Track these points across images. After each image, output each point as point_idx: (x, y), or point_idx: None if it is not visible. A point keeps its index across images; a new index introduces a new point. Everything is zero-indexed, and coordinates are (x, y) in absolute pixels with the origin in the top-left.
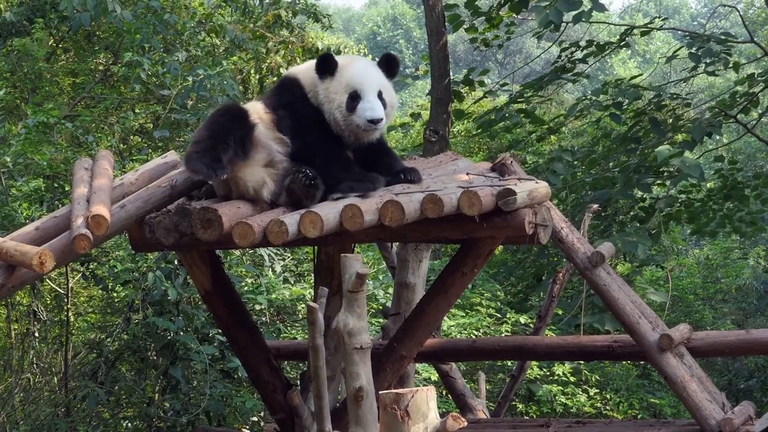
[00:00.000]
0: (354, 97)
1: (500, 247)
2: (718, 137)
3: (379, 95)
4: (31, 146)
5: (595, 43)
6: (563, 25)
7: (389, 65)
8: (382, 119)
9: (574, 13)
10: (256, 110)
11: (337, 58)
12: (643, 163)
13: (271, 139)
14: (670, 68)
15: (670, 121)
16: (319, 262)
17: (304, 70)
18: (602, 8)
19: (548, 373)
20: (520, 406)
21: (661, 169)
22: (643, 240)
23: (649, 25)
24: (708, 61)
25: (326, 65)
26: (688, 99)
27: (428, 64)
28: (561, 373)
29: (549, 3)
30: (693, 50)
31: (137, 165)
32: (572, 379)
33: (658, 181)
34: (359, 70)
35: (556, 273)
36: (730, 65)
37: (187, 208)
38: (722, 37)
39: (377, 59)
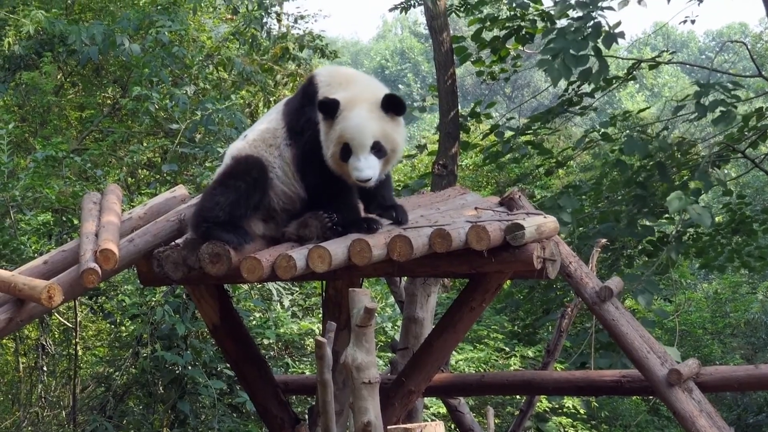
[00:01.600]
0: (346, 150)
1: (508, 281)
2: (726, 171)
3: (376, 145)
4: (40, 180)
5: (602, 77)
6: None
7: (390, 106)
8: (370, 179)
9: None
10: (278, 143)
11: (341, 95)
12: (650, 200)
13: (286, 186)
14: (676, 104)
15: (678, 155)
16: (327, 297)
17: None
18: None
19: (557, 406)
20: None
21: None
22: (652, 287)
23: (657, 59)
24: (716, 113)
25: (327, 109)
26: (695, 141)
27: (435, 96)
28: (570, 406)
29: (556, 54)
30: (700, 101)
31: (145, 199)
32: (582, 411)
33: (666, 216)
34: (354, 122)
35: (564, 308)
36: (737, 123)
37: (196, 242)
38: (729, 85)
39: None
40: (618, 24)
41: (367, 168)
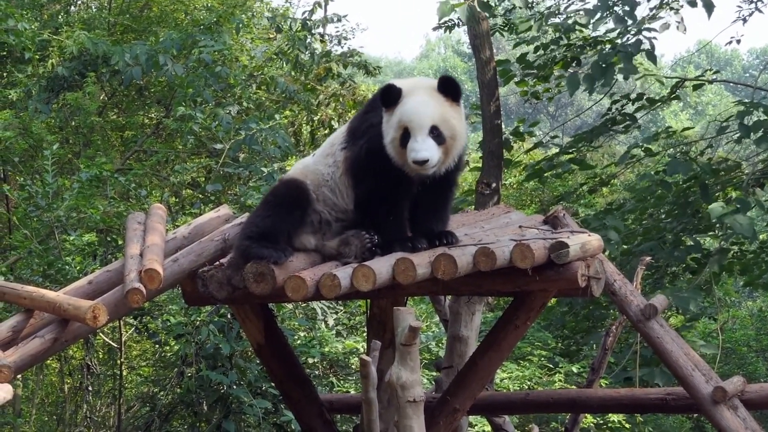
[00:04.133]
0: (405, 135)
1: (553, 299)
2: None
3: (434, 130)
4: (84, 200)
5: (645, 96)
6: (614, 79)
7: (447, 89)
8: (427, 160)
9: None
10: (334, 150)
11: (403, 83)
12: (694, 217)
13: (336, 195)
14: (719, 123)
15: (722, 172)
16: (372, 316)
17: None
18: (653, 57)
19: (602, 422)
20: None
21: (713, 221)
22: (695, 296)
23: (700, 78)
24: (758, 134)
25: (388, 97)
26: (738, 161)
27: (479, 114)
28: (615, 421)
29: (590, 74)
30: (744, 120)
31: (189, 219)
32: (627, 425)
33: (710, 233)
34: (412, 105)
35: (609, 326)
36: None
37: (240, 261)
38: None
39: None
40: (653, 47)
41: (424, 149)
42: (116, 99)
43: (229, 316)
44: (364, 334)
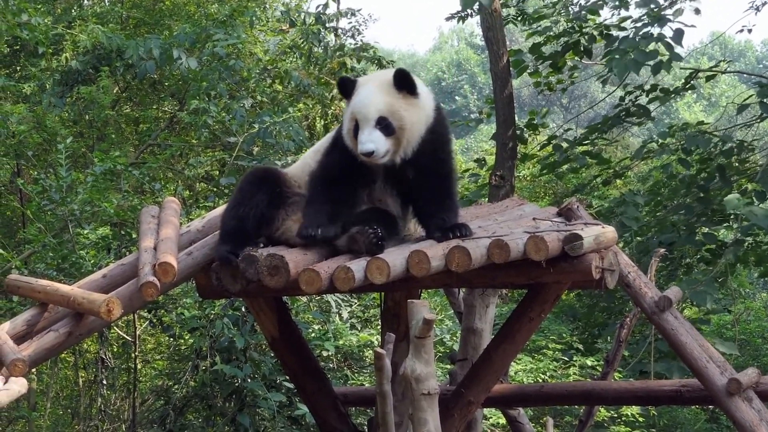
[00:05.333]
0: (356, 126)
1: (567, 292)
2: None
3: (382, 121)
4: (98, 194)
5: (659, 87)
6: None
7: (401, 82)
8: (372, 152)
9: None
10: (317, 154)
11: (363, 77)
12: (708, 206)
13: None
14: (735, 111)
15: (736, 164)
16: (386, 308)
17: None
18: (679, 57)
19: (616, 415)
20: None
21: (728, 213)
22: (712, 291)
23: (714, 69)
24: None
25: (344, 89)
26: (754, 145)
27: (492, 107)
28: (629, 414)
29: (625, 53)
30: (765, 100)
31: (203, 212)
32: (641, 419)
33: (725, 224)
34: (360, 98)
35: (624, 318)
36: None
37: (254, 255)
38: None
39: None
40: (681, 33)
41: (369, 141)
42: (130, 92)
43: (243, 309)
44: (379, 326)
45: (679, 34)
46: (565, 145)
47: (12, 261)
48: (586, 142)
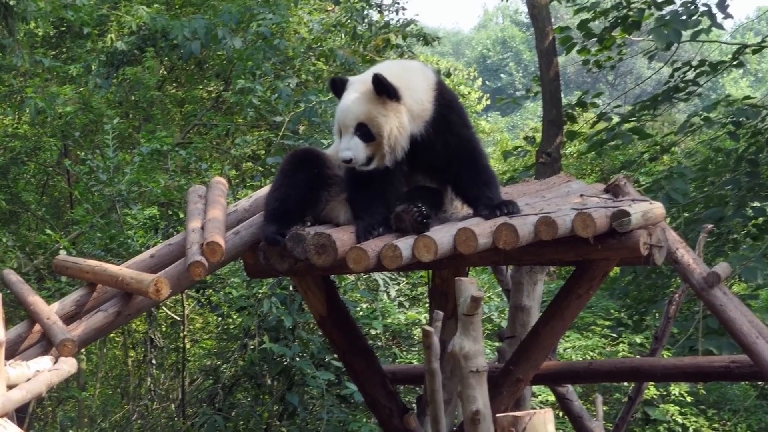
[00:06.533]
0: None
1: (615, 268)
2: None
3: (361, 127)
4: (145, 174)
5: (707, 62)
6: (674, 45)
7: (378, 88)
8: (350, 159)
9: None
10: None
11: (353, 78)
12: (757, 181)
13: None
14: None
15: None
16: (434, 286)
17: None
18: (721, 26)
19: (665, 393)
20: (637, 430)
21: None
22: (762, 264)
23: (761, 44)
24: None
25: (334, 89)
26: None
27: (538, 85)
28: (677, 393)
29: (665, 23)
30: None
31: (250, 191)
32: (689, 399)
33: None
34: (342, 104)
35: (672, 294)
36: None
37: (301, 234)
38: None
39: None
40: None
41: (346, 149)
42: (175, 73)
43: (291, 288)
44: (427, 304)
45: (722, 2)
46: (616, 119)
47: (60, 242)
48: (633, 119)
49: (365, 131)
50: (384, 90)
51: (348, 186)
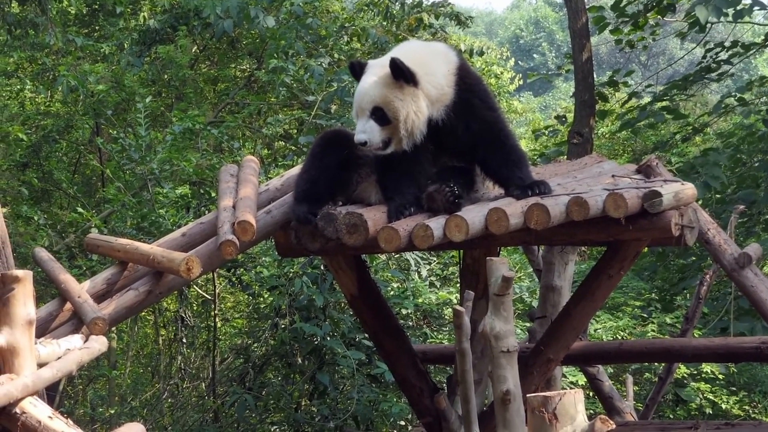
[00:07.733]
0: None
1: (646, 249)
2: None
3: (377, 111)
4: (177, 153)
5: (740, 43)
6: (707, 26)
7: (395, 73)
8: (365, 142)
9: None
10: None
11: (371, 63)
12: None
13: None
14: None
15: None
16: (465, 266)
17: None
18: (763, 5)
19: (696, 372)
20: (668, 410)
21: None
22: None
23: None
24: None
25: (354, 73)
26: None
27: (571, 64)
28: (709, 371)
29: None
30: None
31: (282, 171)
32: (720, 376)
33: None
34: (359, 87)
35: (703, 275)
36: None
37: (333, 213)
38: None
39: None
40: None
41: (361, 132)
42: (208, 52)
43: (322, 267)
44: (458, 284)
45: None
46: (647, 99)
47: (92, 220)
48: (665, 98)
49: (381, 115)
50: (401, 74)
51: (377, 167)
